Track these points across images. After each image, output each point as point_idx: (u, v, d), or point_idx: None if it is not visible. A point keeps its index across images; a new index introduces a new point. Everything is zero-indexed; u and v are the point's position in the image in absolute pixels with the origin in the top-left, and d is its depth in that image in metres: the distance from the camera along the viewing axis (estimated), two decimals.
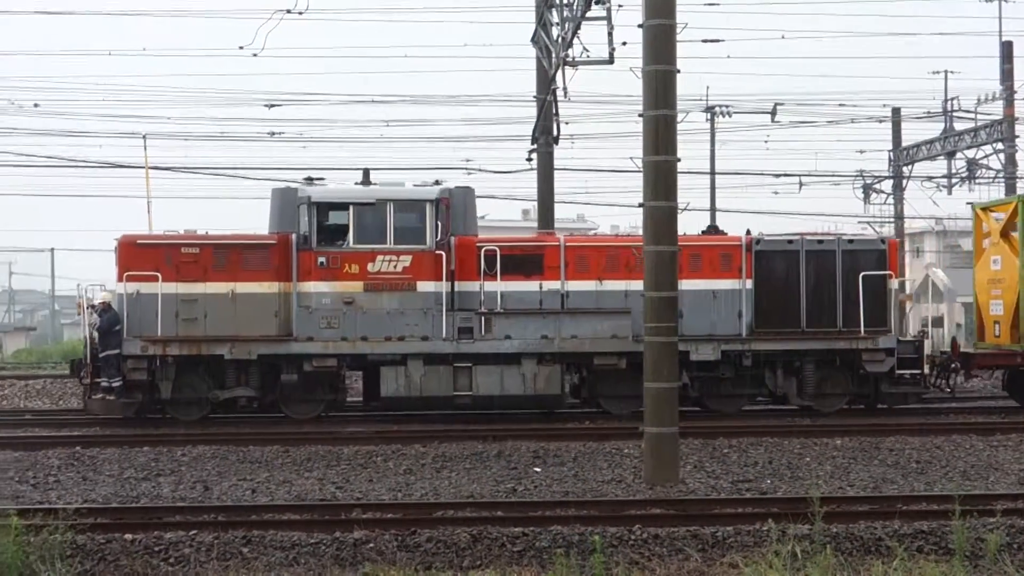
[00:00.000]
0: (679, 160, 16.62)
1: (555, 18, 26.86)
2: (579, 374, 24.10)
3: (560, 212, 35.26)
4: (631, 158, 35.66)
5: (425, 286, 23.28)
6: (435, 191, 23.66)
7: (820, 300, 24.22)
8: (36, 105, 41.88)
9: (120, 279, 23.05)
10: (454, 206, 23.71)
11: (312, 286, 23.17)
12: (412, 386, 23.13)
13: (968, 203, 28.78)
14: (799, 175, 50.46)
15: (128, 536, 13.07)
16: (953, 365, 25.04)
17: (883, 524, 13.44)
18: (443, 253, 23.23)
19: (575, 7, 25.74)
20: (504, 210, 78.97)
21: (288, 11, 29.86)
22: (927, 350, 24.17)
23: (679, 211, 16.92)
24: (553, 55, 27.13)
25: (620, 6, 25.94)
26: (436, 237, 23.32)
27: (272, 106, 40.69)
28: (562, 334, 23.51)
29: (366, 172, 24.35)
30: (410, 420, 23.48)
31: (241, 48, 34.77)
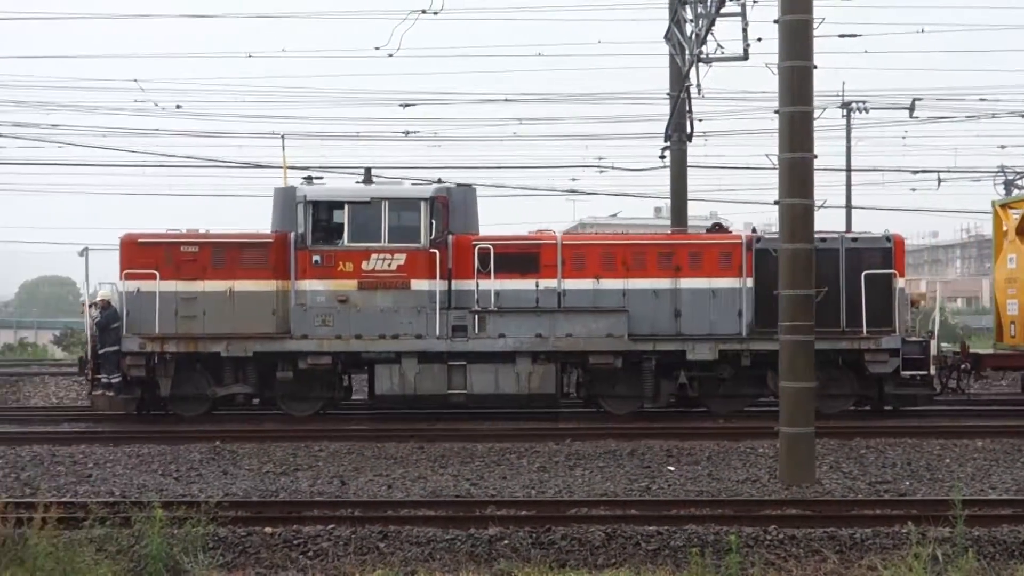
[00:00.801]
0: (816, 157, 16.43)
1: (689, 15, 26.69)
2: (579, 374, 23.91)
3: (693, 210, 34.97)
4: (766, 155, 35.11)
5: (419, 284, 23.27)
6: (430, 190, 23.71)
7: (823, 299, 23.65)
8: (178, 107, 42.79)
9: (122, 277, 23.47)
10: (453, 205, 23.73)
11: (308, 284, 23.31)
12: (406, 384, 23.09)
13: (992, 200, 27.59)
14: (938, 171, 49.44)
15: (268, 529, 13.34)
16: (963, 366, 24.23)
17: None
18: (437, 251, 23.19)
19: (709, 4, 25.54)
20: (636, 208, 78.74)
21: (423, 11, 30.11)
22: (933, 351, 23.32)
23: (815, 208, 16.70)
24: (687, 52, 26.97)
25: (755, 2, 25.62)
26: (430, 236, 23.29)
27: (407, 105, 40.99)
28: (556, 333, 23.27)
29: (367, 171, 24.55)
30: (543, 418, 23.52)
31: (377, 49, 35.11)
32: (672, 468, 17.71)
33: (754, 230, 24.61)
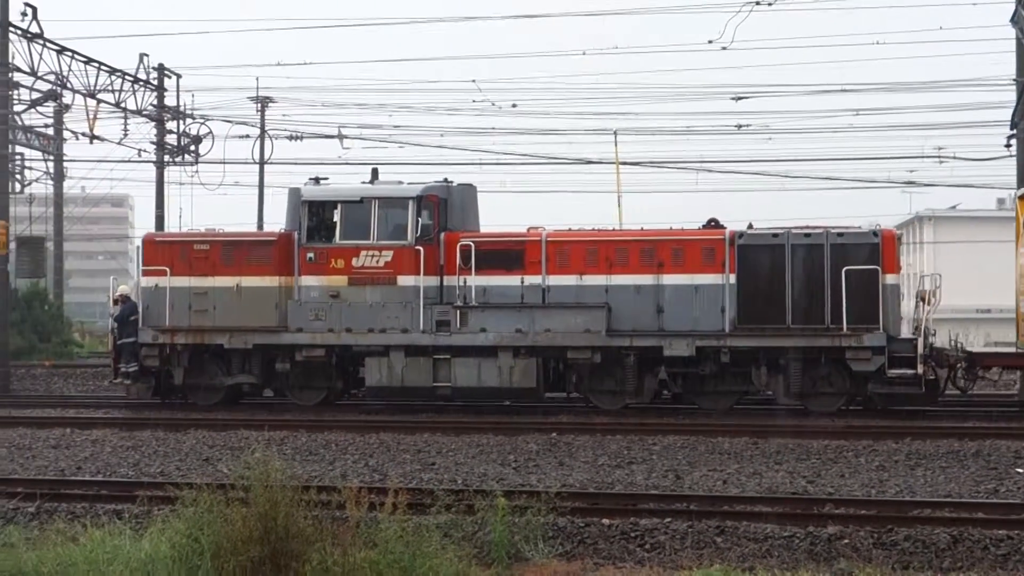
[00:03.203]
0: None
1: None
2: (569, 368, 23.89)
3: None
4: None
5: (405, 280, 24.04)
6: (417, 189, 24.37)
7: (807, 295, 22.84)
8: (514, 105, 43.74)
9: (142, 274, 25.28)
10: (450, 203, 24.48)
11: (303, 280, 24.54)
12: (394, 377, 23.86)
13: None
14: None
15: (605, 521, 13.52)
16: (959, 365, 22.90)
17: None
18: (422, 248, 23.82)
19: None
20: (977, 199, 75.63)
21: (757, 3, 29.89)
22: (921, 349, 22.02)
23: None
24: None
25: None
26: (417, 233, 23.94)
27: (739, 99, 40.64)
28: (536, 328, 23.62)
29: (375, 171, 25.35)
30: (882, 415, 22.91)
31: (710, 42, 34.97)
32: (1021, 470, 16.96)
33: (750, 225, 23.96)
